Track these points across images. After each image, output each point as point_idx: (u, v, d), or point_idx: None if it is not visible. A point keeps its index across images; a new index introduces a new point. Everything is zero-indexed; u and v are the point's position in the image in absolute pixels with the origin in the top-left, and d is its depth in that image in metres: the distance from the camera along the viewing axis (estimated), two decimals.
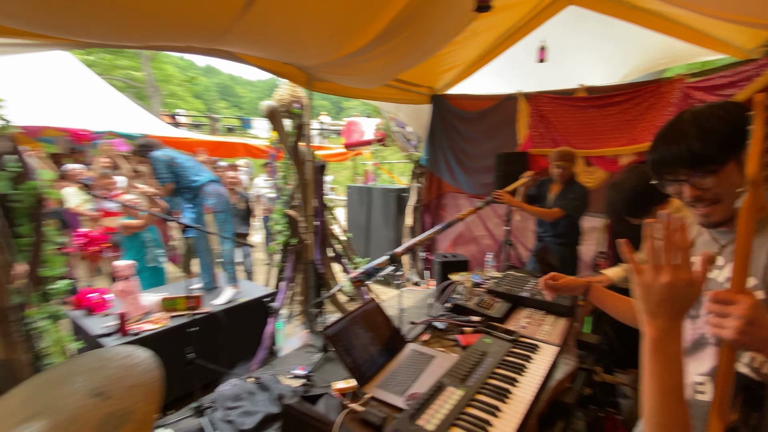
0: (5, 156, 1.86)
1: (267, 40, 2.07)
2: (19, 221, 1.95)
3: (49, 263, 2.11)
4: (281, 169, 3.64)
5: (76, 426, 0.83)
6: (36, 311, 2.11)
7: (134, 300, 2.82)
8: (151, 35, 1.62)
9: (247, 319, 3.31)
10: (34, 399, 0.93)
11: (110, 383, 0.92)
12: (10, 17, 1.37)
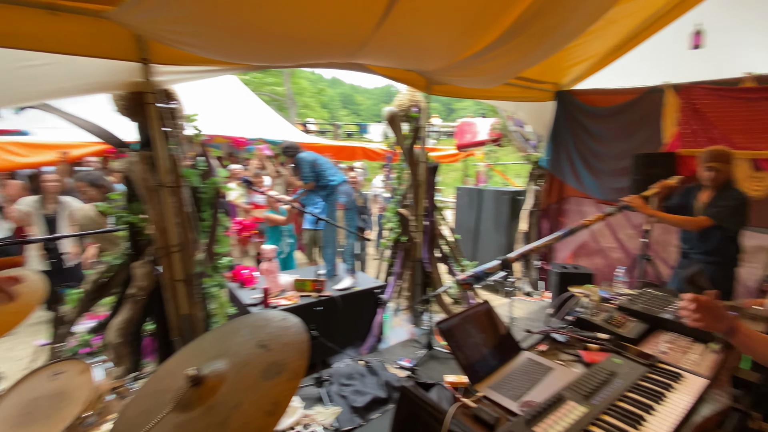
0: (198, 158, 2.44)
1: (395, 51, 2.24)
2: (203, 209, 2.52)
3: (220, 243, 2.67)
4: (396, 170, 3.84)
5: (248, 368, 1.06)
6: (209, 280, 2.69)
7: (274, 278, 3.34)
8: (304, 56, 1.93)
9: (359, 307, 3.60)
10: (219, 344, 1.22)
11: (271, 339, 1.14)
12: (209, 51, 1.80)
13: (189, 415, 0.97)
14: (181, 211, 2.31)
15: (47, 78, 1.83)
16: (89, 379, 1.40)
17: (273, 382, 0.98)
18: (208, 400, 0.98)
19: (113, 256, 2.51)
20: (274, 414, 0.90)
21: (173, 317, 2.47)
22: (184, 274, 2.44)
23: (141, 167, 2.19)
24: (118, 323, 2.42)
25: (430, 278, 3.88)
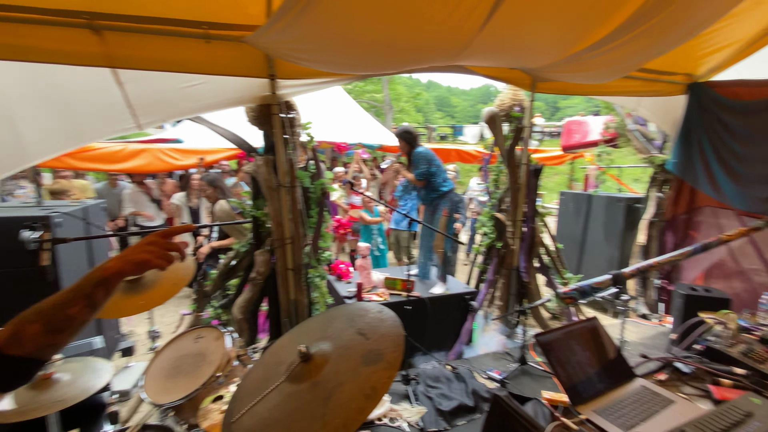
0: (309, 161, 2.72)
1: (498, 50, 2.19)
2: (311, 207, 2.80)
3: (323, 238, 2.93)
4: (494, 172, 3.71)
5: (349, 352, 1.15)
6: (313, 270, 2.97)
7: (368, 275, 3.53)
8: (407, 62, 2.02)
9: (448, 311, 3.57)
10: (323, 327, 1.35)
11: (369, 328, 1.22)
12: (324, 64, 2.01)
13: (299, 387, 1.09)
14: (295, 208, 2.60)
15: (201, 95, 2.25)
16: (222, 346, 1.67)
17: (371, 369, 1.05)
18: (314, 376, 1.10)
19: (240, 244, 2.95)
20: (371, 398, 0.97)
21: (283, 301, 2.79)
22: (294, 264, 2.74)
23: (265, 169, 2.53)
24: (241, 302, 2.83)
25: (526, 289, 3.66)
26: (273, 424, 1.02)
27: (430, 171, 3.56)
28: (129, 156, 4.75)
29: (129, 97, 2.11)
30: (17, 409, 1.41)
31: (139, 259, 0.81)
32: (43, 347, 0.72)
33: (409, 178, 3.60)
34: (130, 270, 0.80)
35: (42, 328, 0.71)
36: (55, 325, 0.72)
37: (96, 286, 0.76)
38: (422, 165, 3.52)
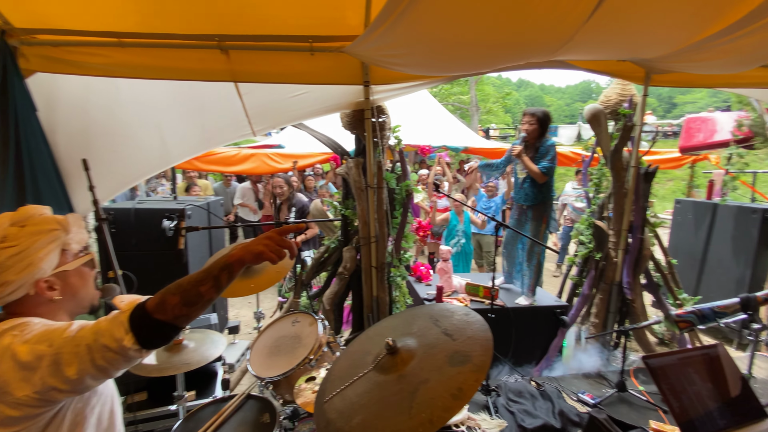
0: (395, 163, 2.81)
1: (606, 41, 2.00)
2: (395, 207, 2.89)
3: (406, 238, 3.00)
4: (594, 176, 3.39)
5: (434, 350, 1.17)
6: (394, 270, 3.05)
7: (448, 279, 3.50)
8: (503, 60, 1.97)
9: (535, 324, 3.34)
10: (407, 325, 1.38)
11: (455, 329, 1.22)
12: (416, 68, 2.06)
13: (385, 378, 1.14)
14: (380, 209, 2.71)
15: (304, 103, 2.49)
16: (315, 331, 1.82)
17: (457, 370, 1.05)
18: (400, 370, 1.14)
19: (330, 240, 3.17)
20: (458, 399, 0.98)
21: (367, 296, 2.93)
22: (378, 262, 2.85)
23: (355, 171, 2.69)
24: (329, 294, 3.03)
25: (629, 307, 3.26)
26: (361, 408, 1.09)
27: (553, 168, 3.09)
28: (241, 160, 5.48)
29: (246, 107, 2.43)
30: (156, 366, 1.72)
31: (257, 250, 0.94)
32: (179, 316, 0.89)
33: (533, 169, 3.03)
34: (249, 259, 0.94)
35: (180, 300, 0.88)
36: (189, 299, 0.89)
37: (222, 270, 0.91)
38: (549, 159, 3.04)
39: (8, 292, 0.94)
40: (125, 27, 2.05)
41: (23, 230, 0.97)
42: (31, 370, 0.85)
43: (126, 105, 2.35)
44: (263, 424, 1.68)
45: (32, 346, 0.87)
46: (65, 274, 1.03)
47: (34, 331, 0.91)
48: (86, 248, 1.11)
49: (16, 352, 0.86)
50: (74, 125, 2.24)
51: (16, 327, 0.93)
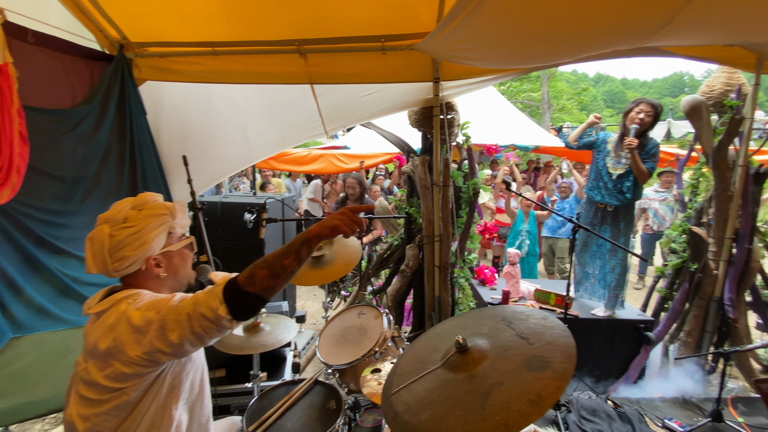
0: (463, 161, 2.75)
1: (713, 22, 1.75)
2: (462, 206, 2.82)
3: (471, 239, 2.91)
4: (692, 176, 2.99)
5: (508, 353, 1.12)
6: (458, 271, 2.98)
7: (515, 283, 3.33)
8: (587, 48, 1.82)
9: (614, 339, 3.05)
10: (476, 325, 1.34)
11: (532, 333, 1.16)
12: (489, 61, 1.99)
13: (455, 376, 1.12)
14: (445, 207, 2.67)
15: (374, 102, 2.54)
16: (381, 325, 1.85)
17: (535, 375, 0.99)
18: (471, 370, 1.10)
19: (393, 238, 3.20)
20: (537, 405, 0.92)
21: (428, 296, 2.90)
22: (441, 262, 2.81)
23: (421, 169, 2.68)
24: (391, 290, 3.06)
25: (730, 327, 2.83)
26: (429, 404, 1.08)
27: (654, 169, 2.78)
28: (311, 160, 5.82)
29: (321, 108, 2.55)
30: (237, 344, 1.87)
31: (332, 224, 1.02)
32: (266, 288, 0.98)
33: (641, 169, 2.69)
34: (326, 233, 1.02)
35: (267, 273, 0.98)
36: (275, 271, 0.98)
37: (302, 244, 1.00)
38: (655, 159, 2.74)
39: (125, 266, 1.09)
40: (218, 37, 2.27)
41: (140, 213, 1.11)
42: (142, 333, 0.98)
43: (217, 108, 2.60)
44: (329, 410, 1.74)
45: (143, 312, 1.00)
46: (170, 254, 1.18)
47: (144, 300, 1.05)
48: (187, 233, 1.25)
49: (131, 317, 1.00)
50: (174, 127, 2.53)
51: (130, 296, 1.07)
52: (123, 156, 2.19)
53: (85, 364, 1.06)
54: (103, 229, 1.09)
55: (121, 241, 1.08)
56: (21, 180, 1.64)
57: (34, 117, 1.74)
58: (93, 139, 2.03)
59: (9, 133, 1.55)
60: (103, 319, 1.05)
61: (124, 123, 2.22)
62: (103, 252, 1.07)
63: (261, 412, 1.68)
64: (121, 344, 0.98)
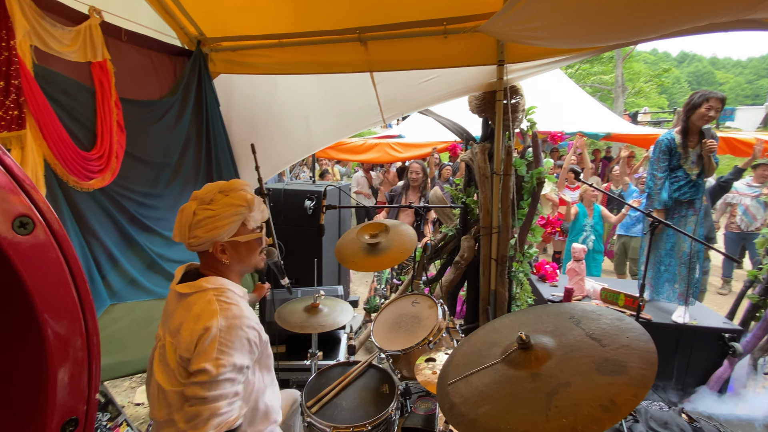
0: (527, 149, 2.60)
1: None
2: (523, 197, 2.68)
3: (533, 231, 2.77)
4: None
5: (577, 354, 1.05)
6: (517, 265, 2.86)
7: (580, 281, 3.12)
8: (677, 21, 1.61)
9: (692, 347, 2.75)
10: (542, 321, 1.27)
11: (604, 334, 1.08)
12: (560, 40, 1.84)
13: (516, 373, 1.08)
14: (505, 198, 2.55)
15: (433, 88, 2.49)
16: (435, 314, 1.84)
17: (608, 380, 0.93)
18: (534, 368, 1.06)
19: (448, 228, 3.15)
20: (610, 412, 0.86)
21: (484, 289, 2.82)
22: (498, 255, 2.71)
23: (481, 157, 2.58)
24: (445, 282, 3.02)
25: None
26: (488, 398, 1.05)
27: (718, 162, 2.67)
28: (367, 149, 5.88)
29: (379, 96, 2.55)
30: (298, 323, 1.97)
31: None
32: None
33: (713, 167, 2.66)
34: None
35: None
36: None
37: None
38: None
39: (196, 244, 1.19)
40: (284, 29, 2.35)
41: (224, 199, 1.20)
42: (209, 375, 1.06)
43: (281, 100, 2.72)
44: (383, 394, 1.78)
45: (217, 360, 1.06)
46: (237, 244, 1.24)
47: (229, 320, 1.10)
48: (260, 227, 1.31)
49: (207, 353, 1.05)
50: (243, 118, 2.69)
51: (217, 290, 1.17)
52: (200, 145, 2.38)
53: (164, 340, 1.17)
54: (192, 205, 1.19)
55: (199, 221, 1.17)
56: (119, 165, 1.84)
57: (129, 108, 1.94)
58: (176, 128, 2.23)
59: (109, 122, 1.75)
60: (188, 304, 1.15)
61: (201, 114, 2.40)
62: (185, 225, 1.17)
63: (318, 389, 1.76)
64: (198, 356, 1.06)
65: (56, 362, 0.56)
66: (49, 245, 0.57)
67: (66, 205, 1.68)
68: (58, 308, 0.56)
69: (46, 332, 0.54)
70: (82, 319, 0.60)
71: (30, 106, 1.46)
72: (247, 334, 1.12)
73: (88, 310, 0.61)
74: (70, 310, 0.58)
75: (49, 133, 1.55)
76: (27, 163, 1.48)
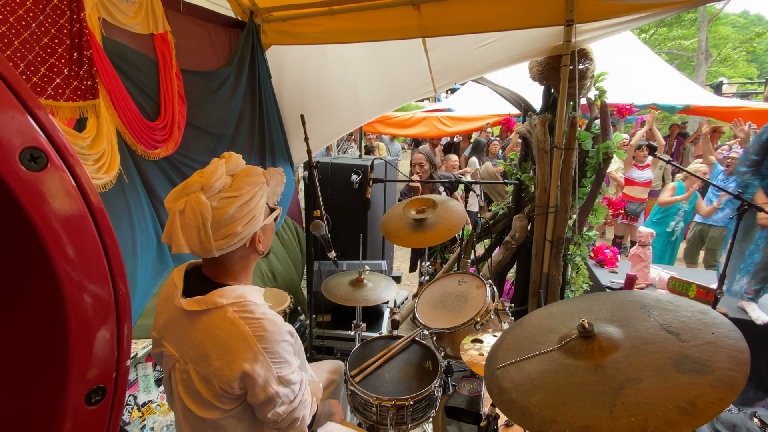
0: (595, 120, 2.35)
1: None
2: (587, 174, 2.45)
3: (595, 212, 2.54)
4: None
5: (650, 347, 0.94)
6: (574, 248, 2.66)
7: (644, 268, 2.86)
8: None
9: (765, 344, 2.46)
10: (605, 309, 1.16)
11: (683, 328, 0.95)
12: None
13: (575, 363, 0.99)
14: (567, 174, 2.35)
15: (491, 54, 2.30)
16: (483, 295, 1.76)
17: (689, 379, 0.82)
18: (598, 359, 0.97)
19: (499, 207, 2.99)
20: (689, 415, 0.76)
21: (535, 272, 2.67)
22: (554, 236, 2.53)
23: (540, 129, 2.38)
24: (494, 262, 2.91)
25: None
26: (542, 387, 0.98)
27: None
28: (414, 123, 5.70)
29: (431, 64, 2.41)
30: (343, 296, 2.00)
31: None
32: None
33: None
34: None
35: None
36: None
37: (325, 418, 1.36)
38: None
39: (230, 244, 0.94)
40: None
41: (236, 179, 0.96)
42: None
43: (330, 71, 2.67)
44: (426, 370, 1.76)
45: (278, 379, 0.97)
46: (266, 228, 1.04)
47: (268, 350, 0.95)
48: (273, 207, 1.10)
49: (268, 381, 0.95)
50: (293, 90, 2.69)
51: (237, 304, 0.96)
52: (254, 118, 2.42)
53: (185, 366, 0.99)
54: (199, 198, 0.89)
55: (230, 215, 0.91)
56: (181, 134, 1.91)
57: (189, 79, 1.99)
58: (231, 100, 2.27)
59: (171, 93, 1.81)
60: (206, 327, 0.95)
61: (254, 86, 2.43)
62: (202, 227, 0.89)
63: (362, 360, 1.79)
64: (256, 387, 0.95)
65: (76, 323, 0.50)
66: (66, 185, 0.48)
67: (136, 172, 1.78)
68: (79, 261, 0.49)
69: (64, 287, 0.48)
70: (110, 276, 0.53)
71: (101, 76, 1.54)
72: (285, 339, 1.00)
73: (116, 267, 0.53)
74: (93, 265, 0.51)
75: (119, 102, 1.63)
76: (102, 130, 1.55)
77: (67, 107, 1.44)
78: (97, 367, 0.53)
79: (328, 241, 1.87)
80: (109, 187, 1.58)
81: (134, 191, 1.74)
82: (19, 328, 0.50)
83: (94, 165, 1.52)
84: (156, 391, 2.04)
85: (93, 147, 1.52)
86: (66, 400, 0.50)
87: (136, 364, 2.00)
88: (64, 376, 0.50)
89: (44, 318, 0.49)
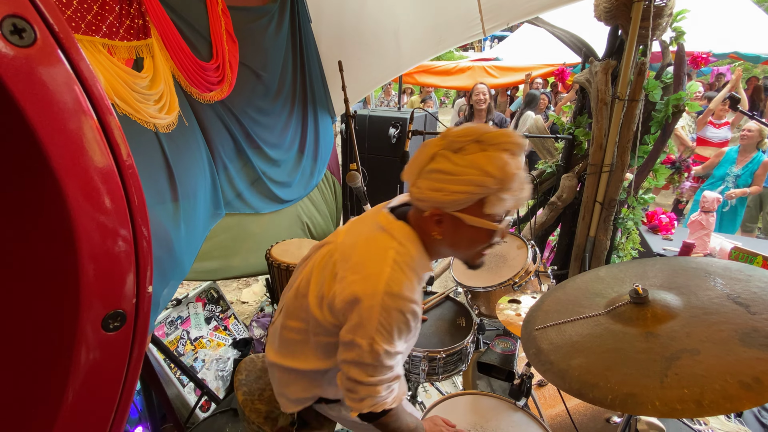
0: (667, 67, 2.06)
1: None
2: (650, 129, 2.20)
3: (656, 173, 2.31)
4: None
5: (713, 318, 0.86)
6: (626, 211, 2.47)
7: (705, 236, 2.62)
8: None
9: None
10: (664, 275, 1.07)
11: (755, 300, 0.86)
12: None
13: (624, 329, 0.94)
14: (627, 129, 2.12)
15: None
16: (524, 255, 1.70)
17: (755, 354, 0.74)
18: (650, 327, 0.91)
19: (547, 164, 2.80)
20: (752, 390, 0.70)
21: (581, 235, 2.53)
22: (605, 198, 2.35)
23: (602, 77, 2.13)
24: (537, 223, 2.78)
25: None
26: (584, 351, 0.94)
27: None
28: (458, 72, 5.32)
29: (481, 1, 2.17)
30: None
31: None
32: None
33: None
34: None
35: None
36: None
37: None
38: None
39: (416, 196, 0.93)
40: None
41: (475, 154, 0.86)
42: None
43: (371, 13, 2.49)
44: (459, 326, 1.77)
45: (373, 345, 0.90)
46: (460, 224, 0.91)
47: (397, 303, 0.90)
48: (503, 219, 0.95)
49: (366, 327, 0.89)
50: (332, 35, 2.56)
51: (403, 253, 0.93)
52: (296, 63, 2.34)
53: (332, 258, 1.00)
54: (436, 143, 0.90)
55: (432, 170, 0.89)
56: (235, 76, 1.86)
57: (236, 15, 1.88)
58: (276, 40, 2.17)
59: (218, 32, 1.75)
60: (365, 236, 0.99)
61: (295, 30, 2.32)
62: (417, 167, 0.92)
63: None
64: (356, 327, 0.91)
65: (85, 238, 0.43)
66: (59, 67, 0.39)
67: (193, 116, 1.78)
68: (77, 160, 0.41)
69: (65, 190, 0.41)
70: (120, 179, 0.46)
71: (150, 15, 1.50)
72: (407, 320, 0.93)
73: (127, 174, 0.46)
74: (98, 171, 0.43)
75: (170, 43, 1.59)
76: (159, 71, 1.53)
77: (122, 47, 1.42)
78: (113, 289, 0.47)
79: (363, 193, 1.85)
80: (172, 128, 1.59)
81: (193, 135, 1.75)
82: (16, 235, 0.44)
83: (155, 105, 1.51)
84: (206, 328, 2.22)
85: (152, 87, 1.51)
86: (78, 323, 0.45)
87: (188, 303, 2.18)
88: (76, 295, 0.44)
89: (44, 224, 0.43)
